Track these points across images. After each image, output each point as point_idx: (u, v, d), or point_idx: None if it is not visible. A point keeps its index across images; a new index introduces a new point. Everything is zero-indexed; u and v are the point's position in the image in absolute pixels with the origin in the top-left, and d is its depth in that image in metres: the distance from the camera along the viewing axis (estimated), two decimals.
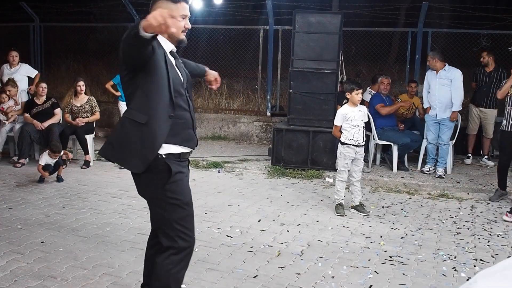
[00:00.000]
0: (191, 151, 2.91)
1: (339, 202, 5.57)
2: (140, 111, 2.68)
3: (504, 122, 6.08)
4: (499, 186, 6.28)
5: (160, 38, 2.75)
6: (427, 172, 7.25)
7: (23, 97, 8.09)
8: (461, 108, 7.20)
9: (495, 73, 7.83)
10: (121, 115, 9.13)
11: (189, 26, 2.82)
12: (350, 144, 5.48)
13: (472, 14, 10.36)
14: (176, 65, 2.85)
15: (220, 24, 10.72)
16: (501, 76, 7.73)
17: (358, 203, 5.59)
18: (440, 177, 7.00)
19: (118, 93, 8.92)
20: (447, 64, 7.16)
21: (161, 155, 2.70)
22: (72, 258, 4.03)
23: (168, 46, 2.81)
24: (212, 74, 3.34)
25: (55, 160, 6.51)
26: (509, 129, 6.00)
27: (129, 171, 2.82)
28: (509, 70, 6.37)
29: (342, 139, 5.54)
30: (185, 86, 2.86)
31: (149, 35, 2.33)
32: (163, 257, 2.79)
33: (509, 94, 6.05)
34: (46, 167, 6.45)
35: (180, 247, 2.78)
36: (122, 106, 8.91)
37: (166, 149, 2.72)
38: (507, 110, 6.04)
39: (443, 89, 7.11)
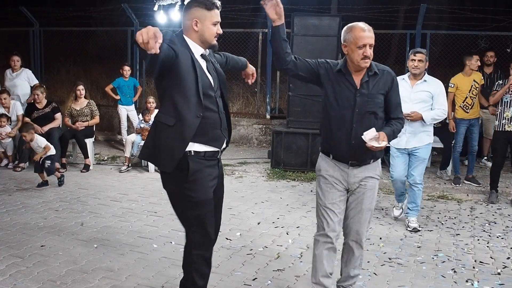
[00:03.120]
0: (220, 150, 2.99)
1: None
2: (168, 114, 2.82)
3: (496, 123, 6.16)
4: (491, 187, 6.31)
5: (190, 42, 2.88)
6: (397, 216, 5.43)
7: (17, 110, 8.00)
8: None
9: (495, 74, 7.81)
10: (121, 118, 9.24)
11: (221, 31, 2.93)
12: None
13: (470, 16, 10.39)
14: (207, 67, 2.94)
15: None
16: (501, 77, 7.73)
17: None
18: (415, 229, 5.03)
19: (117, 97, 8.94)
20: (426, 73, 5.13)
21: (185, 152, 2.82)
22: (71, 261, 4.03)
23: (198, 50, 2.90)
24: (250, 69, 3.49)
25: (46, 160, 6.47)
26: (501, 129, 6.08)
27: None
28: (505, 71, 6.36)
29: None
30: (215, 88, 2.95)
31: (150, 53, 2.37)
32: (186, 250, 2.97)
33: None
34: (37, 166, 6.48)
35: (195, 242, 2.92)
36: (122, 110, 8.95)
37: (190, 146, 2.83)
38: (499, 111, 6.13)
39: (418, 107, 5.00)
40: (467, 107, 6.77)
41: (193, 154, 2.84)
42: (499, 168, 6.28)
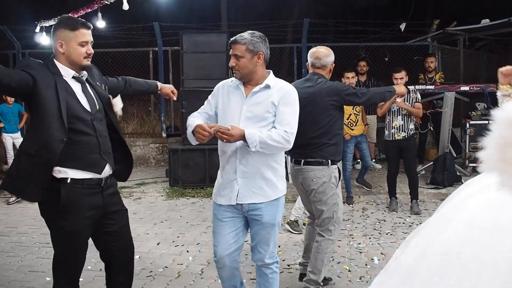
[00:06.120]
0: (104, 177, 2.86)
1: (303, 220, 5.41)
2: (30, 141, 2.72)
3: (386, 132, 6.27)
4: (389, 195, 6.40)
5: (59, 65, 2.78)
6: None
7: None
8: None
9: (369, 81, 8.32)
10: (7, 147, 8.62)
11: (91, 51, 2.84)
12: None
13: (353, 29, 11.08)
14: (82, 90, 2.83)
15: (108, 47, 10.45)
16: (374, 84, 8.26)
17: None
18: None
19: (1, 125, 8.40)
20: None
21: (56, 178, 2.70)
22: None
23: (68, 73, 2.80)
24: (168, 87, 3.55)
25: None
26: (390, 138, 6.18)
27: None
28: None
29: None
30: (93, 111, 2.82)
31: None
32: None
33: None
34: None
35: (60, 274, 2.91)
36: (7, 138, 8.40)
37: (64, 173, 2.71)
38: (387, 120, 6.24)
39: None
40: (351, 124, 6.75)
41: (69, 182, 2.71)
42: (394, 175, 6.34)
